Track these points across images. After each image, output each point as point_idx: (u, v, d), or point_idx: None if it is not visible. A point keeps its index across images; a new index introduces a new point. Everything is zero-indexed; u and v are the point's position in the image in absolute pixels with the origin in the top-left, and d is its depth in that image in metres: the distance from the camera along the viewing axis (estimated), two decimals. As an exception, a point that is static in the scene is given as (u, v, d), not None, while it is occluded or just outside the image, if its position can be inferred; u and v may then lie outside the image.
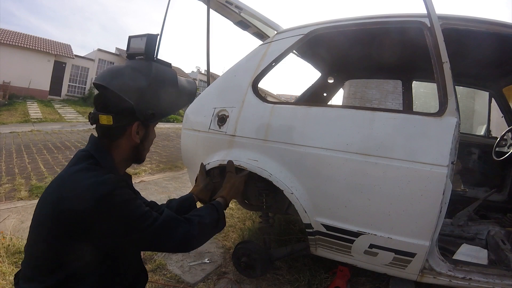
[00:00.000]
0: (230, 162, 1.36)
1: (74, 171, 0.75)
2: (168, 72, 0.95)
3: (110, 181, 0.72)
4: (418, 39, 1.41)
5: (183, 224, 0.86)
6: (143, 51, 0.90)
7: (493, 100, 2.64)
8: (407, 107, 2.65)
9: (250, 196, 1.67)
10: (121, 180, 0.77)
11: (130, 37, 0.95)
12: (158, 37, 0.93)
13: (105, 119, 0.80)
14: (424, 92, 8.35)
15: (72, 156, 0.84)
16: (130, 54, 0.95)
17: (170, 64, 0.99)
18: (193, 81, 1.16)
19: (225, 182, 1.26)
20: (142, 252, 1.84)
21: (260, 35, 2.04)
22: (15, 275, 0.82)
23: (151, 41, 0.90)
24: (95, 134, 0.88)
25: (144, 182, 3.72)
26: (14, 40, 14.23)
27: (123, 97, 0.80)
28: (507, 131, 2.23)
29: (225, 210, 1.10)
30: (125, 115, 0.82)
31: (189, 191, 1.32)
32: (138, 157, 0.91)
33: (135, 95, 0.81)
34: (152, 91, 0.85)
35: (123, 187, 0.76)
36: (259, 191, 1.56)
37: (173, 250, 0.97)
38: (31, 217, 0.78)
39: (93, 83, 0.89)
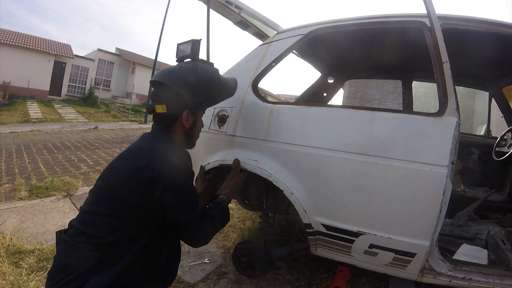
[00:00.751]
0: (236, 160, 1.41)
1: (152, 144, 0.95)
2: (211, 69, 1.17)
3: (177, 156, 0.93)
4: (418, 39, 1.41)
5: (209, 220, 1.00)
6: (189, 54, 1.11)
7: (493, 100, 2.64)
8: (407, 107, 2.65)
9: (250, 196, 1.67)
10: (187, 157, 0.99)
11: (178, 45, 1.17)
12: (200, 41, 1.13)
13: (160, 108, 0.98)
14: (424, 92, 8.35)
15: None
16: (179, 58, 1.15)
17: (213, 63, 1.23)
18: (234, 78, 1.45)
19: (228, 179, 1.33)
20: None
21: (260, 35, 2.04)
22: (60, 231, 0.92)
23: (195, 45, 1.11)
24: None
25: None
26: (14, 40, 14.24)
27: (176, 90, 0.99)
28: (507, 131, 2.23)
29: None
30: (178, 104, 1.00)
31: None
32: (189, 141, 1.09)
33: (185, 87, 1.00)
34: (199, 84, 1.04)
35: (186, 162, 0.97)
36: (259, 191, 1.56)
37: (193, 242, 1.03)
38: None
39: (150, 81, 1.08)
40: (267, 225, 1.64)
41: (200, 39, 1.12)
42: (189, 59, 1.13)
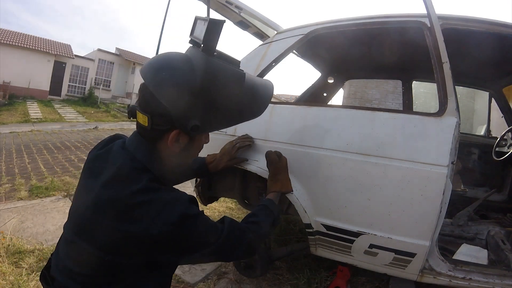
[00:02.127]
0: (268, 152, 1.19)
1: (133, 193, 0.63)
2: (229, 73, 0.72)
3: (181, 202, 0.66)
4: (418, 39, 1.41)
5: (246, 233, 0.81)
6: (201, 40, 0.68)
7: (493, 100, 2.64)
8: (407, 107, 2.65)
9: (250, 196, 1.67)
10: (189, 197, 0.70)
11: (196, 18, 0.74)
12: (222, 24, 0.68)
13: (141, 118, 0.68)
14: (424, 92, 8.35)
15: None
16: (192, 41, 0.75)
17: (238, 61, 0.73)
18: (270, 83, 0.89)
19: (274, 175, 1.15)
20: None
21: (260, 35, 2.04)
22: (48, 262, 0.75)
23: (213, 28, 0.66)
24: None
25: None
26: (14, 40, 14.25)
27: (162, 102, 0.63)
28: (507, 131, 2.23)
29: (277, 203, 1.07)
30: (163, 120, 0.66)
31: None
32: (174, 168, 0.75)
33: (174, 98, 0.64)
34: (200, 96, 0.66)
35: (193, 203, 0.70)
36: (259, 191, 1.56)
37: (239, 259, 0.92)
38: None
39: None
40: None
41: (224, 21, 0.68)
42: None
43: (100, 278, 0.65)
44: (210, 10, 1.74)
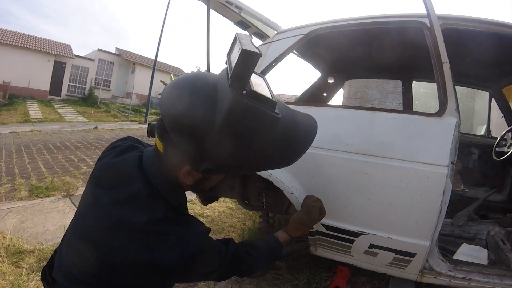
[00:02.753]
0: (312, 205, 1.05)
1: (151, 222, 0.61)
2: (260, 117, 0.57)
3: (196, 235, 0.66)
4: (418, 39, 1.41)
5: (242, 264, 0.82)
6: (228, 73, 0.56)
7: (493, 100, 2.64)
8: (407, 107, 2.66)
9: (250, 196, 1.67)
10: (204, 229, 0.71)
11: (236, 37, 0.58)
12: (258, 57, 0.52)
13: (158, 143, 0.64)
14: (424, 92, 8.35)
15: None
16: (227, 67, 0.60)
17: (274, 102, 0.58)
18: (313, 127, 0.72)
19: (302, 224, 1.04)
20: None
21: (260, 35, 2.05)
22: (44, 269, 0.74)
23: (246, 60, 0.51)
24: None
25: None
26: (14, 40, 14.24)
27: (175, 136, 0.58)
28: (507, 131, 2.23)
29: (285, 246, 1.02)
30: (175, 154, 0.62)
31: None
32: (197, 191, 0.77)
33: (186, 139, 0.57)
34: (218, 139, 0.56)
35: (206, 236, 0.71)
36: (259, 191, 1.56)
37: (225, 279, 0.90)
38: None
39: None
40: (267, 225, 1.64)
41: (260, 54, 0.52)
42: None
43: (101, 287, 0.64)
44: (210, 10, 1.74)
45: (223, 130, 0.55)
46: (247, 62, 0.52)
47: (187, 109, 0.56)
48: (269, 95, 0.58)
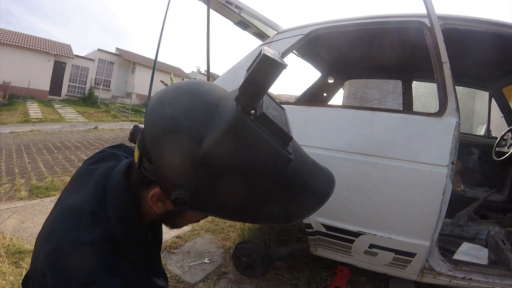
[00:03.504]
0: None
1: (72, 242, 0.47)
2: (266, 150, 0.42)
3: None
4: (418, 39, 1.41)
5: None
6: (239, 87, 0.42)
7: (493, 100, 2.64)
8: (407, 107, 2.66)
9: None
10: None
11: (262, 51, 0.41)
12: (281, 68, 0.40)
13: (135, 151, 0.50)
14: (424, 92, 8.35)
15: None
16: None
17: (289, 137, 0.44)
18: (330, 183, 0.56)
19: None
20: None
21: (260, 35, 2.04)
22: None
23: (267, 68, 0.39)
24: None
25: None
26: (14, 40, 14.24)
27: (149, 140, 0.45)
28: (507, 131, 2.23)
29: None
30: (149, 168, 0.47)
31: None
32: (166, 224, 0.58)
33: (165, 147, 0.44)
34: (201, 161, 0.42)
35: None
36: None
37: None
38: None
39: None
40: (267, 225, 1.64)
41: (285, 66, 0.39)
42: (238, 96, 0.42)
43: None
44: (210, 10, 1.74)
45: (212, 152, 0.41)
46: (265, 72, 0.40)
47: (174, 113, 0.44)
48: (284, 128, 0.45)
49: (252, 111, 0.41)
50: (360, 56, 2.30)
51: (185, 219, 0.55)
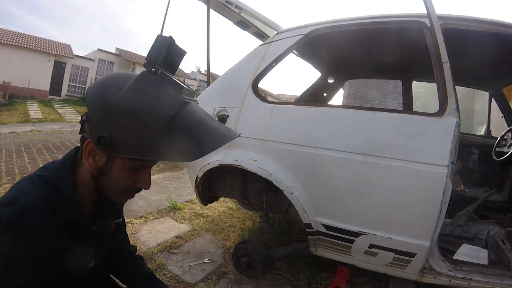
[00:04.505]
0: None
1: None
2: (163, 97, 0.58)
3: (17, 205, 0.54)
4: (418, 39, 1.41)
5: None
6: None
7: (493, 100, 2.64)
8: (407, 107, 2.66)
9: (250, 196, 1.67)
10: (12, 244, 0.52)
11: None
12: (167, 40, 0.62)
13: (84, 115, 0.64)
14: (424, 92, 8.35)
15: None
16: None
17: (182, 87, 0.61)
18: (225, 135, 0.63)
19: None
20: (142, 252, 1.84)
21: (260, 35, 2.05)
22: None
23: (158, 42, 0.61)
24: None
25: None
26: (14, 40, 14.24)
27: (88, 109, 0.61)
28: (507, 131, 2.23)
29: None
30: (83, 125, 0.62)
31: None
32: (101, 191, 0.66)
33: (93, 104, 0.59)
34: (118, 107, 0.56)
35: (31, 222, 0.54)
36: (259, 191, 1.56)
37: None
38: None
39: None
40: (267, 225, 1.64)
41: (170, 37, 0.62)
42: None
43: None
44: (210, 10, 1.75)
45: (125, 96, 0.56)
46: (159, 44, 0.61)
47: (102, 81, 0.62)
48: (180, 83, 0.62)
49: (153, 69, 0.59)
50: (360, 56, 2.30)
51: (112, 174, 0.62)
